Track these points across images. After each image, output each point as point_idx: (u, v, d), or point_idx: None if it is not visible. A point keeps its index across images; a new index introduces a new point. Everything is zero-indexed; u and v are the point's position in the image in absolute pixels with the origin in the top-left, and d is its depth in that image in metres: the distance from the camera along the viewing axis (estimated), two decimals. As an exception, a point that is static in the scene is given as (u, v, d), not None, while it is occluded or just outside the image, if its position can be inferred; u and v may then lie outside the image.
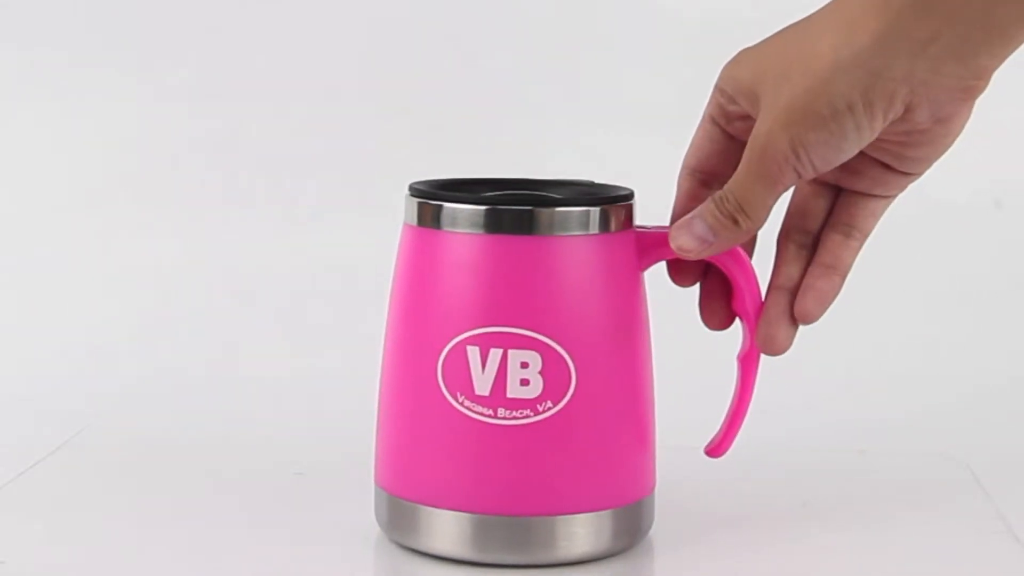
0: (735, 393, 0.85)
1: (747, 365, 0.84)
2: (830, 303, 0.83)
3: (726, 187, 0.79)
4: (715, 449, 0.86)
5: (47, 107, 1.34)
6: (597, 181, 0.86)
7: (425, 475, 0.82)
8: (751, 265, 0.83)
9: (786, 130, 0.75)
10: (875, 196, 0.82)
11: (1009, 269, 1.25)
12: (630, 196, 0.83)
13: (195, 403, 1.13)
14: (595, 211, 0.80)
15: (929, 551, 0.87)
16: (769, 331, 0.83)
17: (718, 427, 0.86)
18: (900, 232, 1.24)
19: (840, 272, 0.82)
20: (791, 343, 0.83)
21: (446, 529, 0.81)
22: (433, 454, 0.81)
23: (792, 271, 0.83)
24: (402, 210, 0.83)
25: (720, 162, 0.83)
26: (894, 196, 0.82)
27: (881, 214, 0.83)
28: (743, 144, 0.80)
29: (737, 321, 0.85)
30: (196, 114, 1.34)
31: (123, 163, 1.33)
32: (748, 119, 0.80)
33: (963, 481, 0.98)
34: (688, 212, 0.81)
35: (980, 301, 1.24)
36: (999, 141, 1.28)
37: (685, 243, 0.80)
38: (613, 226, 0.81)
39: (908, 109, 0.75)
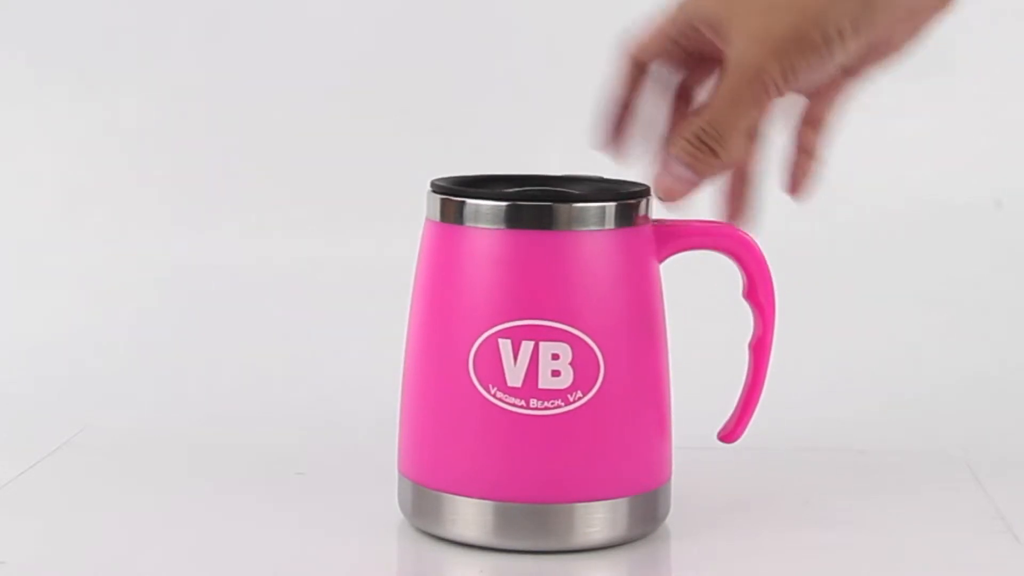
0: (747, 380, 0.88)
1: (759, 352, 0.87)
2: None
3: (703, 120, 0.81)
4: (729, 435, 0.89)
5: (50, 107, 1.34)
6: (606, 177, 0.88)
7: (454, 465, 0.84)
8: (763, 255, 0.86)
9: (778, 58, 0.80)
10: (830, 96, 0.87)
11: (1009, 269, 1.25)
12: (646, 192, 0.85)
13: (196, 403, 1.13)
14: (612, 206, 0.83)
15: (929, 551, 0.87)
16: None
17: (730, 414, 0.89)
18: (901, 232, 1.24)
19: (812, 156, 0.88)
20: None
21: (470, 517, 0.84)
22: (464, 445, 0.84)
23: None
24: (398, 208, 0.84)
25: (663, 59, 0.86)
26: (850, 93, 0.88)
27: (842, 106, 0.88)
28: (693, 52, 0.84)
29: (748, 309, 0.87)
30: (203, 113, 1.34)
31: (124, 162, 1.33)
32: (701, 45, 0.83)
33: (963, 481, 0.98)
34: (625, 95, 0.86)
35: (980, 301, 1.24)
36: (999, 141, 1.28)
37: (670, 186, 0.83)
38: (632, 220, 0.84)
39: (888, 30, 0.81)
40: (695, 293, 0.91)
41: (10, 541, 0.87)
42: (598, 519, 0.83)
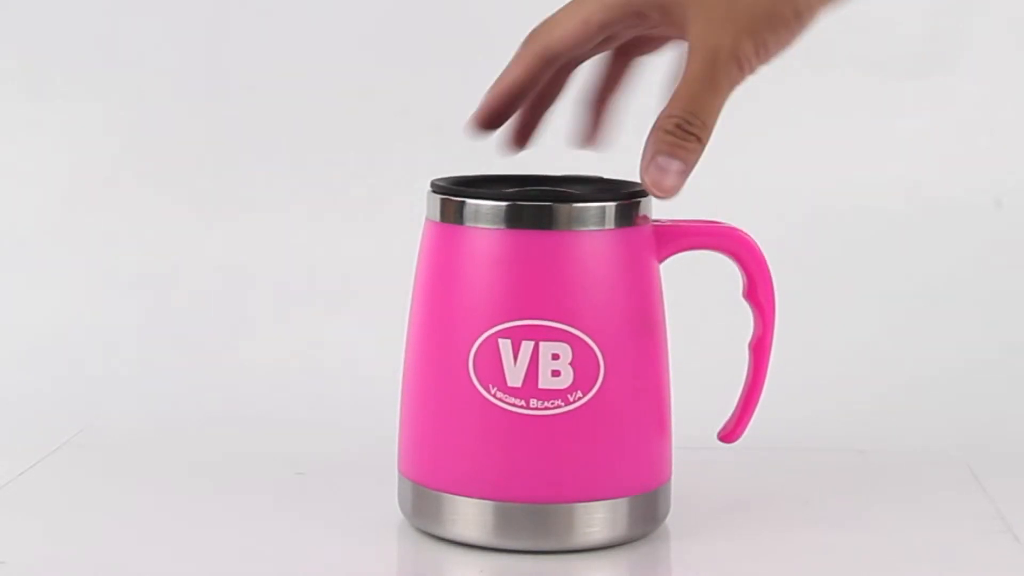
0: (747, 380, 0.88)
1: (759, 352, 0.87)
2: None
3: (682, 109, 0.80)
4: (729, 435, 0.89)
5: (50, 107, 1.34)
6: (606, 177, 0.88)
7: (454, 465, 0.84)
8: (763, 255, 0.86)
9: (751, 36, 0.80)
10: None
11: (1009, 269, 1.25)
12: (646, 192, 0.84)
13: (196, 403, 1.13)
14: (611, 206, 0.83)
15: (929, 551, 0.87)
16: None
17: (730, 414, 0.89)
18: (901, 232, 1.24)
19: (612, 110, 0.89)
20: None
21: (470, 517, 0.84)
22: (464, 445, 0.84)
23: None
24: (398, 208, 0.84)
25: (582, 56, 0.86)
26: None
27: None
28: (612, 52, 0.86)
29: (748, 309, 0.87)
30: (203, 112, 1.34)
31: (124, 161, 1.33)
32: (642, 39, 0.85)
33: (963, 481, 0.98)
34: (522, 84, 0.86)
35: (981, 301, 1.24)
36: (999, 141, 1.28)
37: (670, 182, 0.81)
38: (632, 220, 0.84)
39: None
40: (695, 293, 0.91)
41: (10, 541, 0.87)
42: (598, 519, 0.84)
